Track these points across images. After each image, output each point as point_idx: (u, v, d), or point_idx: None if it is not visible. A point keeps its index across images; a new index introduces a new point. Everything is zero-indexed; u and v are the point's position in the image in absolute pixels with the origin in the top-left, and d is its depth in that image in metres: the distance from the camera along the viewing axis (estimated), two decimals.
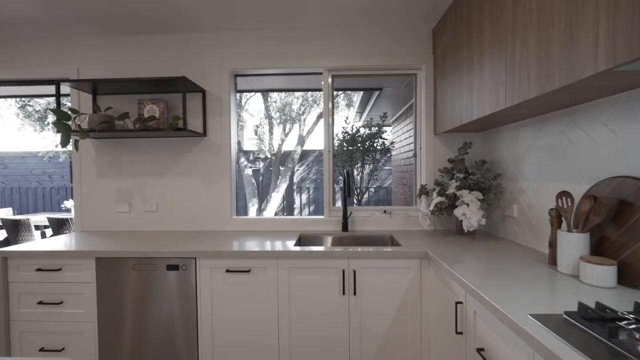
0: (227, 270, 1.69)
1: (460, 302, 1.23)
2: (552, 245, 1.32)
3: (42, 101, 5.56)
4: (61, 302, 1.73)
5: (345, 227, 2.18)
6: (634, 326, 0.73)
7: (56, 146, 6.81)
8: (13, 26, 2.16)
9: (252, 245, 1.80)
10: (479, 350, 1.06)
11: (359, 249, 1.66)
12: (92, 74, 2.30)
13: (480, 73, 1.52)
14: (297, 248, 1.71)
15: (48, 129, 5.88)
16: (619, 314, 0.80)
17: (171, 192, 2.30)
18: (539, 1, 1.11)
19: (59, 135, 1.96)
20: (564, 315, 0.84)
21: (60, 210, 6.87)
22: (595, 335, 0.73)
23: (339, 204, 2.33)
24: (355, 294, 1.66)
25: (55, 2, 1.86)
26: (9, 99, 5.19)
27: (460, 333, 1.24)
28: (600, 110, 1.22)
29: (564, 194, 1.28)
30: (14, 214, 5.61)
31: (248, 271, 1.69)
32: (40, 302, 1.74)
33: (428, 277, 1.62)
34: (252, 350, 1.69)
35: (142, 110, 2.15)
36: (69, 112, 1.99)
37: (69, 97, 2.33)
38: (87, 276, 1.73)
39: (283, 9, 1.98)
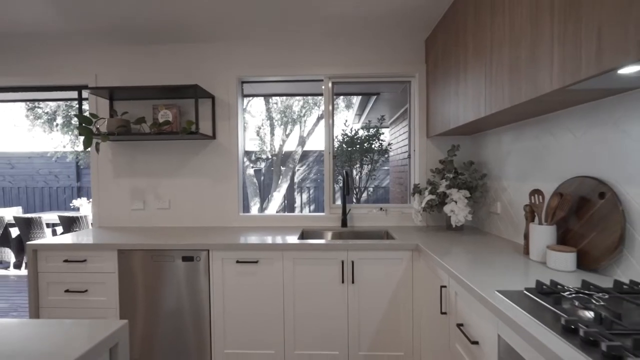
0: (237, 261, 1.86)
1: (445, 286, 1.40)
2: (526, 237, 1.50)
3: (53, 104, 5.74)
4: (86, 291, 1.91)
5: (344, 223, 2.36)
6: (574, 296, 0.91)
7: (63, 146, 6.98)
8: (36, 37, 2.33)
9: (258, 239, 1.98)
10: (459, 326, 1.23)
11: (357, 242, 1.83)
12: (108, 80, 2.48)
13: (464, 82, 1.70)
14: (301, 241, 1.89)
15: (57, 130, 6.06)
16: (565, 287, 0.97)
17: (182, 191, 2.48)
18: (510, 22, 1.28)
19: (81, 138, 2.14)
20: (524, 291, 1.01)
21: (68, 208, 7.04)
22: (544, 304, 0.91)
23: (338, 202, 2.51)
24: (353, 282, 1.83)
25: (76, 15, 2.03)
26: (18, 102, 5.37)
27: (445, 313, 1.41)
28: (567, 118, 1.39)
29: (536, 192, 1.46)
30: (23, 213, 5.77)
31: (256, 262, 1.86)
32: (67, 290, 1.91)
33: (419, 267, 1.79)
34: (260, 332, 1.87)
35: (156, 115, 2.32)
36: (91, 117, 2.16)
37: (85, 102, 2.50)
38: (109, 267, 1.90)
39: (286, 21, 2.15)
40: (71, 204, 5.33)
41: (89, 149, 2.19)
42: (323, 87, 2.45)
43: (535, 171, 1.61)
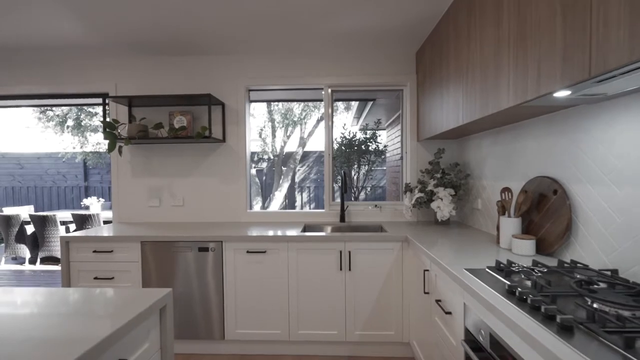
0: (247, 251, 2.10)
1: (427, 270, 1.65)
2: (498, 228, 1.74)
3: (64, 107, 5.98)
4: (112, 278, 2.15)
5: (342, 219, 2.60)
6: (521, 270, 1.15)
7: (73, 148, 7.22)
8: (61, 49, 2.57)
9: (266, 232, 2.22)
10: (437, 301, 1.47)
11: (354, 234, 2.08)
12: (127, 88, 2.71)
13: (447, 94, 1.94)
14: (303, 234, 2.13)
15: (68, 132, 6.30)
16: (517, 265, 1.22)
17: (195, 189, 2.72)
18: (481, 49, 1.52)
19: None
20: (486, 269, 1.26)
21: (76, 207, 7.28)
22: (497, 277, 1.15)
23: (337, 200, 2.76)
24: (350, 269, 2.08)
25: (100, 30, 2.27)
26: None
27: (427, 293, 1.66)
28: (532, 127, 1.64)
29: (506, 190, 1.70)
30: (34, 212, 6.00)
31: (264, 252, 2.10)
32: (95, 278, 2.15)
33: (407, 256, 2.04)
34: (267, 314, 2.11)
35: (172, 120, 2.56)
36: (114, 123, 2.40)
37: (100, 107, 2.74)
38: (133, 256, 2.14)
39: (290, 37, 2.39)
40: (82, 203, 5.56)
41: (113, 151, 2.42)
42: (323, 93, 2.69)
43: (507, 172, 1.86)
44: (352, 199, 5.36)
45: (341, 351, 2.14)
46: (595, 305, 0.87)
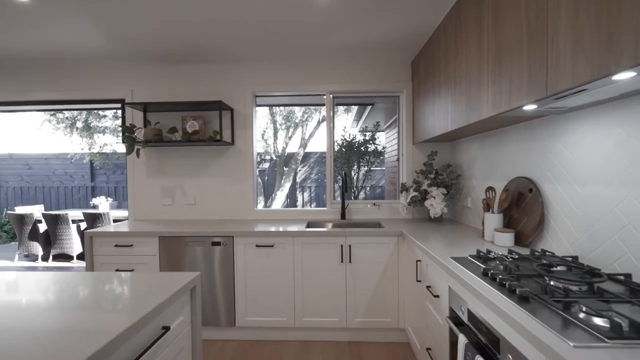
0: (257, 245, 2.30)
1: (420, 260, 1.84)
2: (483, 223, 1.94)
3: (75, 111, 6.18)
4: (132, 270, 2.34)
5: (343, 216, 2.80)
6: (496, 257, 1.35)
7: (82, 149, 7.41)
8: (81, 59, 2.76)
9: (273, 228, 2.41)
10: (428, 287, 1.67)
11: (354, 230, 2.27)
12: (142, 95, 2.91)
13: (438, 102, 2.14)
14: (307, 229, 2.32)
15: (78, 134, 6.50)
16: (494, 253, 1.41)
17: (206, 189, 2.91)
18: (467, 64, 1.72)
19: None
20: (468, 257, 1.45)
21: (83, 206, 7.47)
22: (477, 263, 1.35)
23: (338, 199, 2.95)
24: (350, 262, 2.27)
25: (119, 40, 2.46)
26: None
27: (420, 281, 1.85)
28: (512, 133, 1.83)
29: (490, 189, 1.90)
30: (44, 211, 6.19)
31: (272, 246, 2.30)
32: (117, 270, 2.34)
33: (403, 249, 2.23)
34: (274, 303, 2.31)
35: (185, 125, 2.76)
36: (132, 127, 2.60)
37: (109, 110, 2.93)
38: (152, 250, 2.34)
39: (295, 47, 2.59)
40: (91, 202, 5.75)
41: (131, 154, 2.61)
42: (325, 98, 2.88)
43: (492, 172, 2.05)
44: (352, 198, 5.55)
45: (342, 337, 2.34)
46: (551, 283, 1.07)
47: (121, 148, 7.46)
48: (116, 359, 0.83)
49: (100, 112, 6.39)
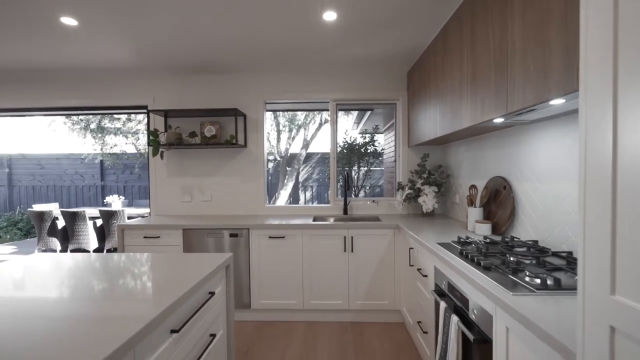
0: (269, 237, 2.61)
1: (412, 248, 2.15)
2: (467, 216, 2.25)
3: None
4: None
5: (345, 211, 3.10)
6: (471, 241, 1.66)
7: (94, 150, 7.71)
8: (109, 70, 3.07)
9: (283, 222, 2.72)
10: (418, 270, 1.98)
11: (355, 223, 2.58)
12: (163, 101, 3.21)
13: (430, 110, 2.44)
14: (315, 222, 2.63)
15: (92, 135, 6.81)
16: (471, 239, 1.72)
17: (221, 187, 3.22)
18: (451, 80, 2.02)
19: (150, 148, 2.86)
20: (451, 242, 1.76)
21: (93, 204, 7.76)
22: (456, 246, 1.66)
23: (340, 197, 3.25)
24: (352, 251, 2.58)
25: (143, 55, 2.76)
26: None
27: (412, 265, 2.16)
28: (491, 139, 2.14)
29: (472, 186, 2.21)
30: (59, 208, 6.48)
31: (283, 237, 2.61)
32: None
33: (398, 240, 2.54)
34: (285, 287, 2.61)
35: (203, 129, 3.06)
36: (156, 131, 2.90)
37: (123, 114, 3.23)
38: (176, 241, 2.64)
39: (302, 59, 2.89)
40: (104, 200, 6.04)
41: (155, 155, 2.92)
42: (329, 104, 3.19)
43: (475, 172, 2.36)
44: (353, 196, 5.86)
45: (345, 318, 2.65)
46: (511, 258, 1.38)
47: (130, 149, 7.77)
48: (183, 311, 1.14)
49: (115, 115, 6.70)
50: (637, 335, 0.55)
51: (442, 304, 1.49)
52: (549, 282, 1.06)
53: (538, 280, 1.11)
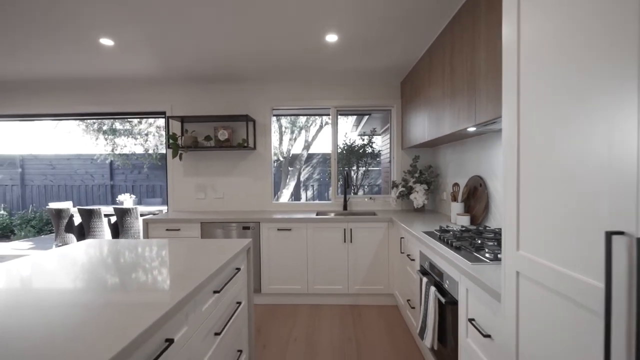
0: (278, 229, 2.94)
1: (403, 237, 2.49)
2: (451, 210, 2.58)
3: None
4: None
5: (345, 207, 3.44)
6: (449, 229, 1.99)
7: (105, 151, 8.03)
8: (130, 80, 3.39)
9: (289, 216, 3.05)
10: (408, 256, 2.31)
11: (354, 217, 2.91)
12: (180, 108, 3.54)
13: (420, 117, 2.78)
14: (318, 216, 2.96)
15: (105, 137, 7.15)
16: (451, 228, 2.06)
17: (233, 186, 3.55)
18: (434, 92, 2.35)
19: (170, 151, 3.19)
20: (434, 231, 2.10)
21: (103, 203, 8.09)
22: (437, 233, 1.99)
23: (340, 196, 3.57)
24: (351, 242, 2.91)
25: (163, 66, 3.09)
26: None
27: (403, 252, 2.49)
28: (471, 143, 2.47)
29: (455, 184, 2.54)
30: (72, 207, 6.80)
31: (290, 230, 2.94)
32: None
33: (392, 231, 2.88)
34: (291, 274, 2.94)
35: (217, 133, 3.39)
36: (175, 136, 3.23)
37: (136, 118, 3.56)
38: (195, 233, 2.97)
39: (305, 71, 3.22)
40: (117, 199, 6.37)
41: (175, 157, 3.24)
42: (330, 110, 3.52)
43: (459, 172, 2.69)
44: (352, 194, 6.21)
45: (345, 301, 2.98)
46: (478, 241, 1.71)
47: (139, 149, 8.09)
48: (220, 279, 1.47)
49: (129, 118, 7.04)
50: (531, 275, 0.88)
51: (424, 280, 1.82)
52: (499, 256, 1.40)
53: (492, 255, 1.44)
